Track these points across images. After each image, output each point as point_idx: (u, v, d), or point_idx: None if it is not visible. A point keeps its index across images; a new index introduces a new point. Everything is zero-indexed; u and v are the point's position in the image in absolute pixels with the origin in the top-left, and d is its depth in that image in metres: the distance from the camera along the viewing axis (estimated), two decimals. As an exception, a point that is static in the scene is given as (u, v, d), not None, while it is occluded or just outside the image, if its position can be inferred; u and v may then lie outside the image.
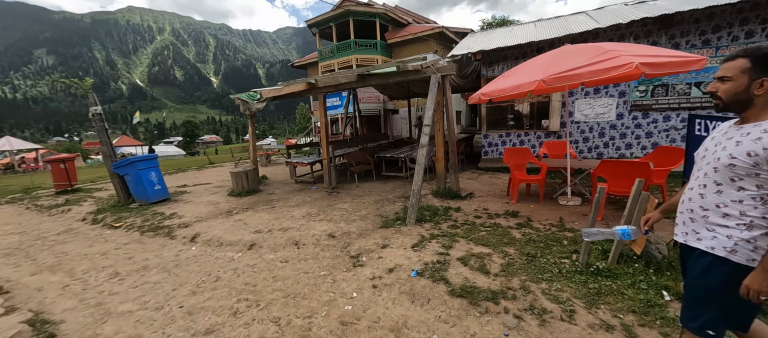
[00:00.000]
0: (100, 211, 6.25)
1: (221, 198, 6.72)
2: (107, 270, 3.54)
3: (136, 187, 6.41)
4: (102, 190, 9.39)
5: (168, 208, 6.05)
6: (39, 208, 7.39)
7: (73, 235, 5.02)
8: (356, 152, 7.31)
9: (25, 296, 3.03)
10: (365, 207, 5.21)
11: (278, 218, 4.92)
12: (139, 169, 6.31)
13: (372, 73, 5.43)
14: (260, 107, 7.49)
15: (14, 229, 5.72)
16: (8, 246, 4.71)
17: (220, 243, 4.10)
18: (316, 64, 19.86)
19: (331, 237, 3.99)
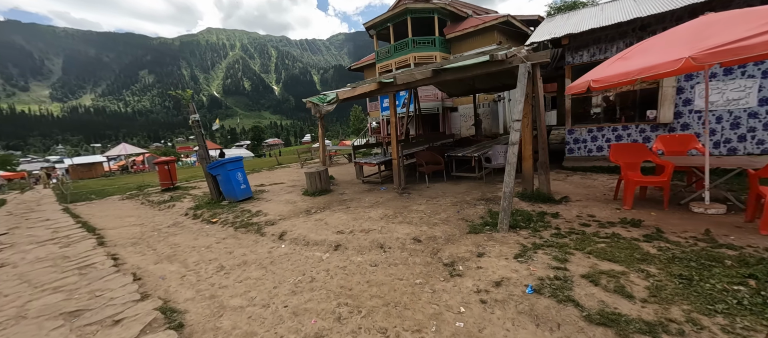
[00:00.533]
0: (197, 207, 7.02)
1: (297, 197, 7.04)
2: (213, 263, 3.83)
3: (226, 186, 7.05)
4: (196, 188, 10.68)
5: (253, 206, 6.51)
6: (151, 203, 8.65)
7: (180, 228, 5.67)
8: (426, 151, 7.04)
9: (152, 284, 3.40)
10: (443, 210, 4.91)
11: (356, 219, 4.89)
12: (229, 170, 6.93)
13: (449, 67, 5.10)
14: (330, 109, 7.68)
15: (135, 221, 6.73)
16: (133, 236, 5.49)
17: (306, 242, 4.19)
18: (372, 66, 20.13)
19: (416, 242, 3.78)
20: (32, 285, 3.59)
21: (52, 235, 5.89)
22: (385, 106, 17.83)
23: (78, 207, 9.39)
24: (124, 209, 8.38)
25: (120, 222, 6.70)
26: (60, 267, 4.08)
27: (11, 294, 3.42)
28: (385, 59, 17.36)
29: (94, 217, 7.55)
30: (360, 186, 7.75)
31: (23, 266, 4.29)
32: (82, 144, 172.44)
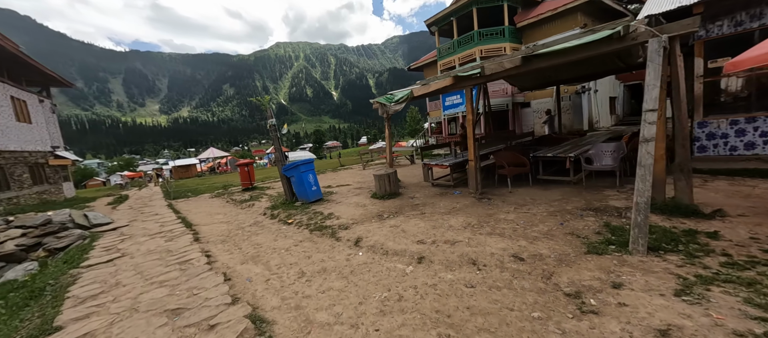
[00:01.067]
0: (274, 207, 7.35)
1: (366, 200, 6.86)
2: (294, 267, 3.74)
3: (299, 188, 7.24)
4: (270, 188, 11.43)
5: (324, 208, 6.53)
6: (234, 202, 9.44)
7: (260, 228, 5.90)
8: (507, 152, 6.23)
9: (241, 286, 3.42)
10: (541, 221, 4.14)
11: (436, 227, 4.42)
12: (302, 172, 7.10)
13: (547, 51, 4.30)
14: (398, 109, 7.37)
15: (222, 219, 7.31)
16: (221, 233, 5.89)
17: (385, 251, 3.86)
18: (433, 64, 19.47)
19: (517, 260, 3.15)
20: (144, 278, 3.95)
21: (159, 229, 6.70)
22: (447, 105, 17.01)
23: (178, 203, 10.78)
24: (213, 206, 9.29)
25: (210, 219, 7.35)
26: (165, 261, 4.47)
27: (128, 284, 3.79)
28: (448, 55, 16.56)
29: (190, 213, 8.49)
30: (430, 189, 7.26)
31: (138, 257, 4.83)
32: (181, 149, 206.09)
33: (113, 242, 5.91)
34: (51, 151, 14.45)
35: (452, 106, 16.69)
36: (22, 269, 5.50)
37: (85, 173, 55.78)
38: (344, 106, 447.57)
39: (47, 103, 15.29)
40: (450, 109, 16.89)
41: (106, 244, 5.79)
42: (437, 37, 17.62)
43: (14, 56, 12.35)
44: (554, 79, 9.93)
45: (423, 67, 21.12)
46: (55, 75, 15.57)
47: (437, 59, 17.55)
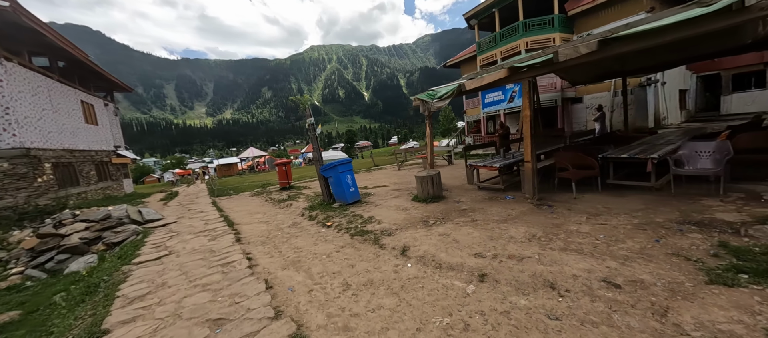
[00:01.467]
0: (311, 208, 7.20)
1: (407, 202, 6.46)
2: (338, 277, 3.43)
3: (337, 189, 7.01)
4: (306, 188, 11.46)
5: (363, 211, 6.22)
6: (272, 201, 9.53)
7: (299, 230, 5.73)
8: (570, 152, 5.47)
9: (283, 296, 3.17)
10: (628, 236, 3.44)
11: (493, 238, 3.88)
12: (340, 172, 6.86)
13: (635, 31, 3.56)
14: (442, 106, 6.86)
15: (262, 218, 7.31)
16: (261, 234, 5.81)
17: (437, 264, 3.42)
18: (471, 60, 18.56)
19: (611, 287, 2.55)
20: (188, 279, 3.88)
21: (203, 227, 6.83)
22: (487, 102, 16.05)
23: (221, 201, 11.18)
24: (252, 205, 9.44)
25: (250, 218, 7.39)
26: (208, 262, 4.41)
27: (173, 285, 3.73)
28: (488, 50, 15.61)
29: (232, 211, 8.67)
30: (476, 193, 6.67)
31: (183, 256, 4.86)
32: (224, 148, 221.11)
33: (162, 239, 6.09)
34: (114, 150, 15.86)
35: (492, 103, 15.71)
36: (83, 262, 5.84)
37: (143, 170, 61.77)
38: (375, 106, 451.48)
39: (111, 106, 16.83)
40: (490, 106, 15.91)
41: (156, 241, 5.97)
42: (477, 31, 16.71)
43: (84, 64, 13.67)
44: (617, 69, 8.79)
45: (460, 63, 20.25)
46: (117, 81, 17.10)
47: (477, 54, 16.64)
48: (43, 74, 10.78)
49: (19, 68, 9.53)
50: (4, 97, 8.75)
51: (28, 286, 5.28)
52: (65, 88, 12.16)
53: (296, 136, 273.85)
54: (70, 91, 12.56)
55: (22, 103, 9.43)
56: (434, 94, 7.01)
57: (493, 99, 15.60)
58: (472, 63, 19.01)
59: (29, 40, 10.40)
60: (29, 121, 9.61)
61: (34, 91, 10.07)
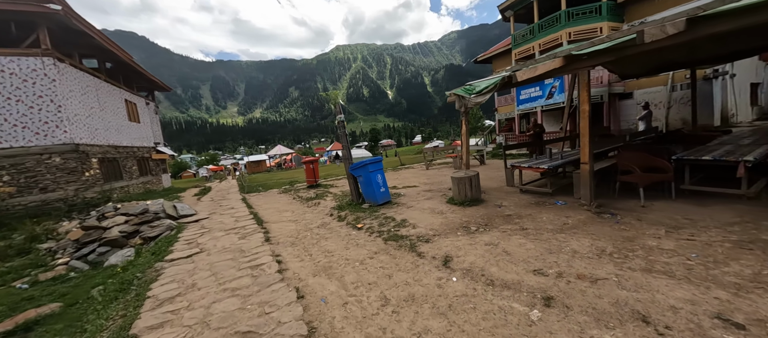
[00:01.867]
0: (340, 208, 6.95)
1: (442, 205, 6.01)
2: (374, 289, 3.09)
3: (366, 188, 6.71)
4: (333, 186, 11.31)
5: (395, 212, 5.86)
6: (300, 199, 9.43)
7: (329, 231, 5.48)
8: (636, 152, 4.75)
9: (315, 309, 2.88)
10: (731, 257, 2.79)
11: (553, 252, 3.36)
12: (370, 172, 6.54)
13: (747, 2, 2.88)
14: (480, 101, 6.32)
15: (291, 217, 7.18)
16: (290, 234, 5.62)
17: (489, 280, 2.97)
18: (505, 54, 17.60)
19: (729, 326, 1.98)
20: (217, 281, 3.72)
21: (234, 224, 6.81)
22: (522, 99, 15.08)
23: (251, 198, 11.31)
24: (281, 203, 9.41)
25: (279, 217, 7.28)
26: (237, 263, 4.25)
27: (203, 288, 3.58)
28: (525, 43, 14.64)
29: (261, 209, 8.66)
30: (518, 196, 6.08)
31: (213, 255, 4.76)
32: (254, 146, 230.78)
33: (194, 235, 6.10)
34: (154, 146, 16.72)
35: (528, 100, 14.72)
36: (121, 255, 5.97)
37: (181, 166, 65.74)
38: (399, 104, 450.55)
39: (152, 105, 17.77)
40: (526, 103, 14.94)
41: (188, 237, 5.99)
42: (512, 23, 15.75)
43: (129, 65, 14.47)
44: (680, 59, 7.73)
45: (491, 58, 19.29)
46: (158, 81, 18.03)
47: (511, 48, 15.69)
48: (92, 74, 11.46)
49: (71, 69, 10.17)
50: (56, 96, 9.34)
51: (71, 277, 5.45)
52: (111, 87, 12.90)
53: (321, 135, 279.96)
54: (116, 90, 13.32)
55: (73, 102, 10.04)
56: (472, 88, 6.49)
57: (529, 95, 14.62)
58: (506, 58, 18.02)
59: (79, 42, 11.09)
60: (79, 118, 10.23)
61: (83, 90, 10.72)
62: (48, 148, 9.33)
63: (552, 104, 13.89)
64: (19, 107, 9.01)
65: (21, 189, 9.10)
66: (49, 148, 9.34)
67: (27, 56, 8.99)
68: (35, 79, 9.09)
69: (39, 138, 9.22)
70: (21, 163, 9.09)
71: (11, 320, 3.76)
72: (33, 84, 9.09)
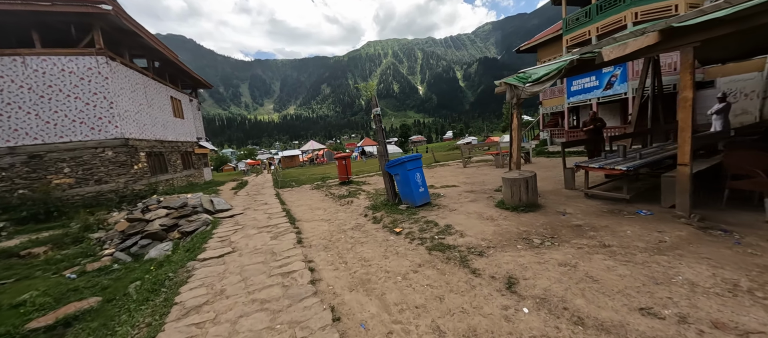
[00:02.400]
0: (374, 208, 6.49)
1: (490, 209, 5.29)
2: (423, 315, 2.54)
3: (404, 188, 6.16)
4: (366, 184, 10.91)
5: (436, 216, 5.26)
6: (333, 196, 9.14)
7: (364, 234, 5.02)
8: (751, 152, 3.70)
9: (353, 334, 2.40)
10: None
11: (657, 281, 2.58)
12: (408, 170, 5.98)
13: None
14: (536, 91, 5.47)
15: (323, 215, 6.85)
16: (323, 236, 5.25)
17: (574, 317, 2.28)
18: (552, 42, 16.03)
19: None
20: (247, 287, 3.41)
21: (266, 221, 6.62)
22: (574, 90, 13.56)
23: (284, 193, 11.30)
24: (313, 199, 9.19)
25: (311, 215, 7.00)
26: (269, 268, 3.93)
27: (231, 296, 3.27)
28: (579, 27, 13.11)
29: (293, 205, 8.49)
30: (583, 202, 5.18)
31: (245, 256, 4.51)
32: (288, 141, 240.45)
33: (227, 232, 5.97)
34: (196, 141, 17.54)
35: (582, 91, 13.19)
36: (160, 249, 6.01)
37: (222, 160, 69.99)
38: (429, 100, 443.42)
39: (195, 101, 18.64)
40: (578, 94, 13.41)
41: (222, 234, 5.87)
42: (564, 6, 14.20)
43: (174, 64, 15.18)
44: None
45: (536, 47, 17.71)
46: (201, 78, 18.86)
47: (562, 34, 14.18)
48: (140, 72, 12.08)
49: (121, 67, 10.73)
50: (109, 93, 9.88)
51: (114, 269, 5.55)
52: (158, 84, 13.58)
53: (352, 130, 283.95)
54: (163, 87, 14.02)
55: (123, 98, 10.60)
56: (527, 76, 5.66)
57: (582, 86, 13.09)
58: (554, 45, 16.42)
59: (130, 42, 11.70)
60: (129, 114, 10.79)
61: (133, 87, 11.31)
62: (102, 142, 9.93)
63: (611, 96, 12.28)
64: (77, 104, 9.66)
65: (79, 180, 9.79)
66: (102, 142, 9.93)
67: (83, 55, 9.58)
68: (90, 77, 9.68)
69: (94, 132, 9.84)
70: (79, 156, 9.76)
71: (53, 313, 3.76)
72: (88, 81, 9.68)
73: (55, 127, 9.53)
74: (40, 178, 9.44)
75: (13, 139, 9.25)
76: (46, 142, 9.49)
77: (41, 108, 9.40)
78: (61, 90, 9.51)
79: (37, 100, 9.35)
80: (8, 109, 9.17)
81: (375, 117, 6.46)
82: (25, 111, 9.28)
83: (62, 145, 9.63)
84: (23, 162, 9.32)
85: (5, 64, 9.05)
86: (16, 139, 9.27)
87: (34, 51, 9.27)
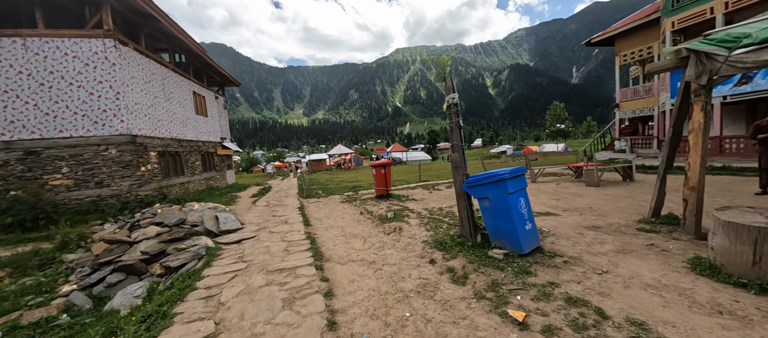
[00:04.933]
0: (442, 247, 4.19)
1: (694, 278, 2.77)
2: None
3: (498, 221, 3.79)
4: (410, 198, 8.65)
5: (580, 286, 2.85)
6: (371, 217, 6.94)
7: (440, 308, 2.73)
8: None
9: None
10: None
11: None
12: (509, 193, 3.61)
13: None
14: (762, 62, 2.96)
15: (363, 250, 4.65)
16: (371, 299, 3.04)
17: None
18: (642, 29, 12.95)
19: None
20: None
21: (282, 258, 4.54)
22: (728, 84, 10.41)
23: (310, 205, 9.33)
24: (346, 219, 7.06)
25: (347, 249, 4.83)
26: None
27: None
28: (692, 5, 10.02)
29: (321, 227, 6.42)
30: None
31: (246, 317, 2.38)
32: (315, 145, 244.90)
33: (222, 278, 3.93)
34: (220, 142, 16.28)
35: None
36: (130, 293, 4.09)
37: (252, 161, 71.22)
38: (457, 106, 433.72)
39: (221, 99, 17.50)
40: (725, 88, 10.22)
41: (213, 281, 3.84)
42: (666, -19, 11.17)
43: (200, 57, 13.97)
44: None
45: (614, 37, 14.60)
46: (228, 74, 17.73)
47: (662, 16, 11.13)
48: (159, 62, 10.78)
49: (134, 54, 9.39)
50: (116, 81, 8.49)
51: (59, 324, 3.73)
52: (179, 77, 12.30)
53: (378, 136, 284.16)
54: (184, 81, 12.76)
55: (135, 89, 9.22)
56: (738, 36, 3.20)
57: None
58: (642, 34, 13.30)
59: (148, 28, 10.42)
60: (140, 107, 9.40)
61: (148, 78, 9.96)
62: (105, 138, 8.55)
63: (744, 94, 9.05)
64: (80, 93, 8.35)
65: (78, 182, 8.44)
66: (106, 138, 8.55)
67: (89, 38, 8.28)
68: (96, 62, 8.35)
69: (97, 127, 8.48)
70: (80, 154, 8.43)
71: None
72: (93, 68, 8.36)
73: (54, 119, 8.26)
74: (36, 178, 8.19)
75: (9, 132, 8.08)
76: (45, 136, 8.24)
77: (41, 97, 8.17)
78: (64, 77, 8.24)
79: (36, 88, 8.14)
80: (5, 98, 8.03)
81: (450, 107, 4.19)
82: (24, 100, 8.09)
83: (62, 141, 8.34)
84: (19, 159, 8.11)
85: (4, 45, 7.92)
86: (13, 132, 8.09)
87: (36, 31, 8.09)
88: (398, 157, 47.13)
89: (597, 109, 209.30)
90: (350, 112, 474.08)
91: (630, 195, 6.75)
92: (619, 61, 14.53)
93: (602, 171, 8.13)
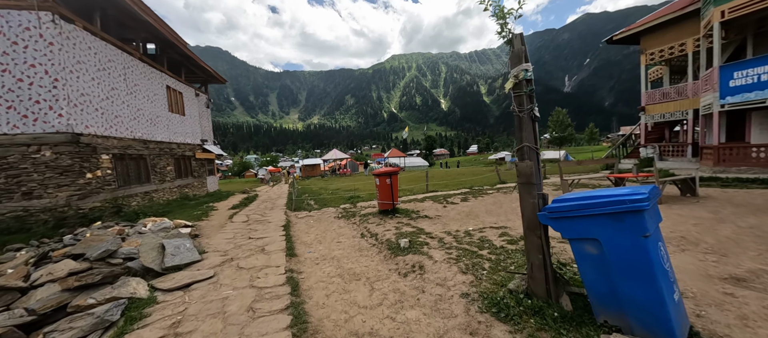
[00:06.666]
0: (498, 310, 2.55)
1: None
2: None
3: (620, 281, 2.13)
4: (421, 216, 7.00)
5: None
6: (376, 241, 5.26)
7: None
8: None
9: None
10: None
11: None
12: (645, 236, 1.96)
13: None
14: None
15: (371, 308, 2.97)
16: None
17: None
18: (673, 24, 11.65)
19: None
20: None
21: (241, 329, 2.83)
22: (736, 87, 8.93)
23: (299, 222, 7.62)
24: (344, 246, 5.35)
25: (345, 305, 3.13)
26: None
27: None
28: (747, -10, 8.66)
29: (308, 262, 4.70)
30: None
31: None
32: (310, 149, 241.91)
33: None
34: (200, 144, 14.46)
35: (754, 85, 8.57)
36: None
37: (245, 165, 68.84)
38: (452, 113, 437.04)
39: (203, 97, 15.72)
40: (744, 92, 8.79)
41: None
42: (712, -35, 9.85)
43: (177, 48, 12.23)
44: None
45: (639, 34, 13.28)
46: (212, 70, 15.99)
47: (706, 6, 9.78)
48: (119, 48, 9.03)
49: (84, 34, 7.64)
50: (53, 66, 6.72)
51: None
52: (148, 69, 10.54)
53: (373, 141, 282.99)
54: (155, 73, 10.99)
55: (82, 77, 7.46)
56: None
57: (757, 76, 8.46)
58: (675, 29, 12.01)
59: (106, 4, 8.68)
60: (88, 100, 7.62)
61: (102, 65, 8.20)
62: (38, 136, 6.75)
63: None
64: (5, 79, 6.57)
65: None
66: (39, 137, 6.76)
67: (18, 9, 6.53)
68: (27, 41, 6.61)
69: (26, 123, 6.69)
70: (2, 156, 6.61)
71: None
72: (24, 48, 6.61)
73: (-31, 111, 6.46)
74: (-58, 187, 6.33)
75: None
76: (-45, 133, 6.43)
77: (-49, 83, 6.37)
78: (-17, 58, 6.46)
79: (-55, 70, 6.35)
80: None
81: (520, 84, 2.57)
82: (-73, 86, 6.29)
83: (-21, 140, 6.53)
84: None
85: None
86: None
87: (-52, 0, 6.34)
88: (396, 162, 45.55)
89: (589, 117, 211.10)
90: (346, 117, 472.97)
91: (719, 217, 5.16)
92: (644, 61, 13.22)
93: (664, 185, 6.55)
